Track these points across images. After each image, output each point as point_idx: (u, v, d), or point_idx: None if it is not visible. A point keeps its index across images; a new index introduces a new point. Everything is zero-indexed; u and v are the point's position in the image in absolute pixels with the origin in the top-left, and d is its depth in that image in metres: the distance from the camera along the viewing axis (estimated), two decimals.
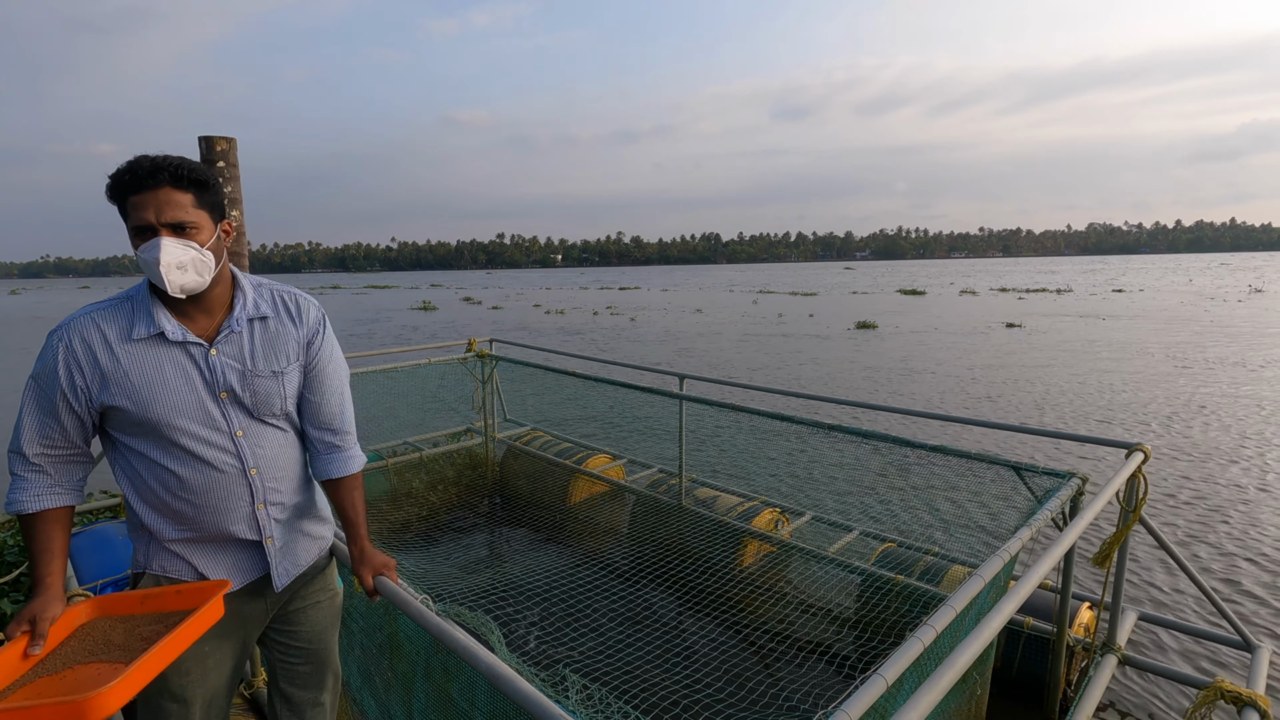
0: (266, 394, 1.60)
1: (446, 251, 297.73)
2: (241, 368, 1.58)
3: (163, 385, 1.49)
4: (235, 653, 1.76)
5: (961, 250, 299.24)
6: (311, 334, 1.69)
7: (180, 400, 1.51)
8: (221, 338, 1.56)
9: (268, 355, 1.61)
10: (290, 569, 1.74)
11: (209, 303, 1.55)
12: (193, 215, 1.45)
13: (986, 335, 19.03)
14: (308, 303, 1.71)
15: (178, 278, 1.43)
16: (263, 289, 1.66)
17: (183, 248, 1.43)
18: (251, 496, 1.62)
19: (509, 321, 27.58)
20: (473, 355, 5.76)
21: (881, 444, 3.32)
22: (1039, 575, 1.74)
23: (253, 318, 1.61)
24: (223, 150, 4.83)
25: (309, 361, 1.69)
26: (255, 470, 1.61)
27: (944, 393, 11.34)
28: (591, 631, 3.34)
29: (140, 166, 1.41)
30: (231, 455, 1.58)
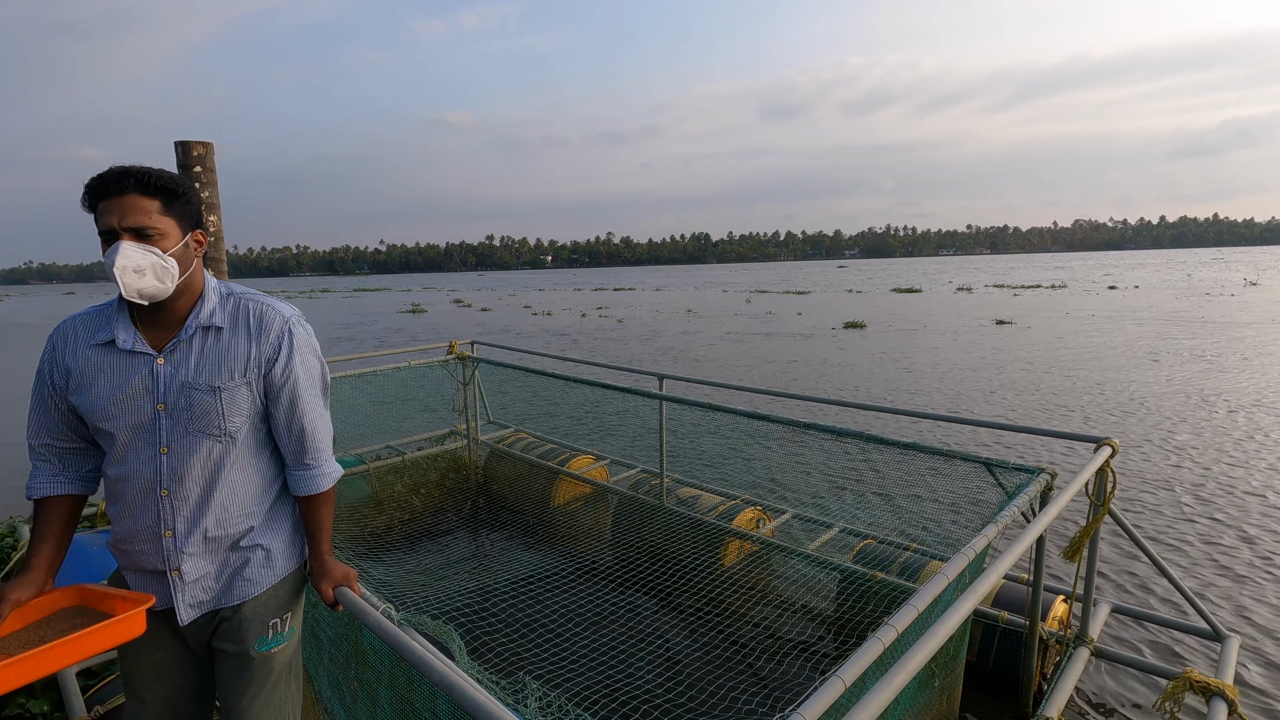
0: (203, 410, 1.52)
1: (436, 254, 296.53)
2: (183, 380, 1.52)
3: (109, 391, 1.50)
4: (193, 665, 1.71)
5: (950, 248, 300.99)
6: (272, 351, 1.58)
7: (119, 408, 1.50)
8: (170, 348, 1.53)
9: (210, 369, 1.54)
10: (208, 603, 1.62)
11: (173, 312, 1.53)
12: (157, 221, 1.45)
13: (974, 333, 19.14)
14: (275, 316, 1.60)
15: (134, 281, 1.41)
16: (230, 299, 1.60)
17: (143, 252, 1.42)
18: (158, 520, 1.53)
19: (498, 324, 27.49)
20: (454, 358, 5.73)
21: (856, 442, 3.33)
22: (1002, 569, 1.75)
23: (206, 327, 1.55)
24: (199, 155, 4.79)
25: (271, 379, 1.60)
26: (166, 493, 1.52)
27: (922, 392, 11.41)
28: (560, 636, 3.33)
29: (109, 174, 1.44)
30: (148, 472, 1.52)
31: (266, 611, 1.68)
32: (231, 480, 1.58)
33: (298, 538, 1.77)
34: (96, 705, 2.65)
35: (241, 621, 1.65)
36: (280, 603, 1.71)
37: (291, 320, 1.63)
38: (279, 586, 1.70)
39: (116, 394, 1.50)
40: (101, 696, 2.69)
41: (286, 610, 1.72)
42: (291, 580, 1.74)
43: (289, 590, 1.73)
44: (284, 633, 1.72)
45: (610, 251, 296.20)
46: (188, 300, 1.54)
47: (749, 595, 3.91)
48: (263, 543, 1.66)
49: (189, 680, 1.71)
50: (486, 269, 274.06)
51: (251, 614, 1.65)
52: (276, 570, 1.69)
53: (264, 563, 1.66)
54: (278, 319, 1.61)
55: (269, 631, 1.68)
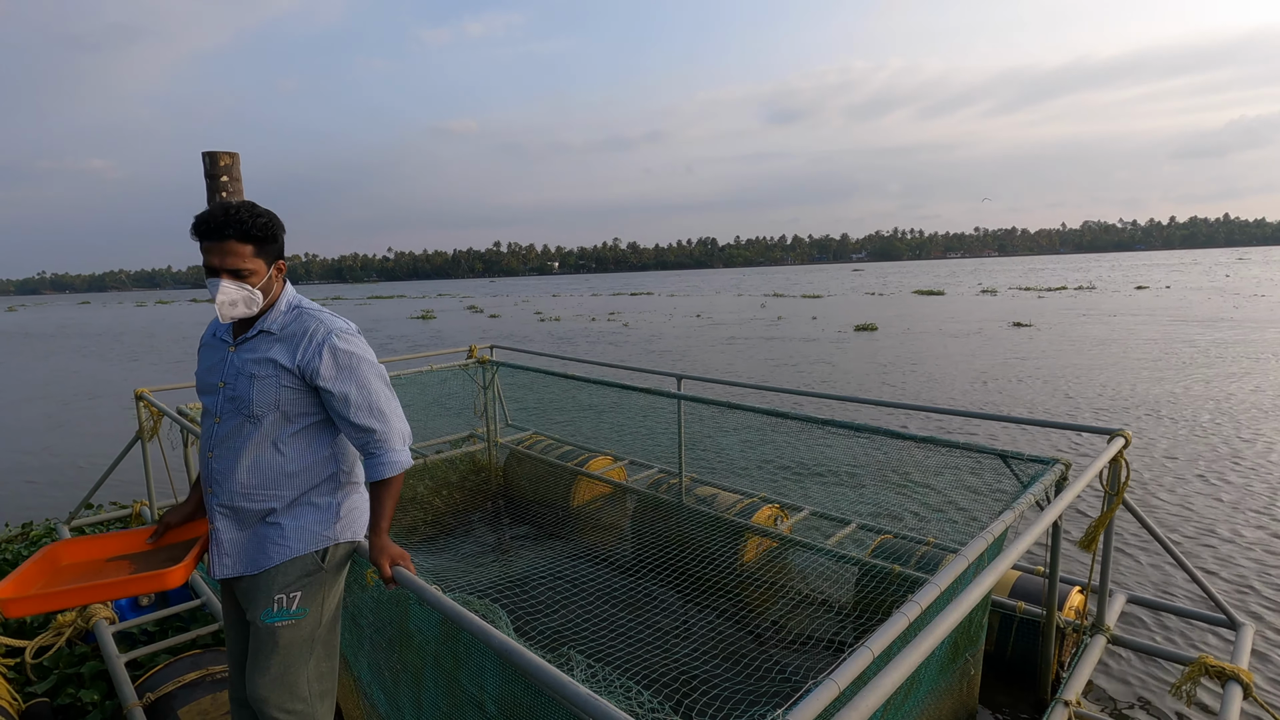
0: (242, 392, 1.84)
1: (444, 261, 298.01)
2: (238, 367, 1.85)
3: (202, 365, 1.96)
4: (236, 627, 2.00)
5: (957, 250, 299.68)
6: (310, 356, 1.83)
7: (204, 379, 1.93)
8: (241, 341, 1.90)
9: (254, 362, 1.85)
10: (231, 565, 1.88)
11: (255, 318, 1.90)
12: (250, 263, 1.78)
13: (990, 338, 19.11)
14: (319, 328, 1.86)
15: (227, 310, 1.79)
16: (293, 312, 1.91)
17: (237, 289, 1.77)
18: (207, 478, 1.89)
19: (506, 330, 27.64)
20: (474, 362, 5.85)
21: (874, 437, 3.41)
22: (1018, 551, 1.83)
23: (265, 330, 1.87)
24: (226, 165, 4.94)
25: (319, 383, 1.85)
26: (212, 454, 1.87)
27: (942, 394, 11.44)
28: (596, 618, 3.42)
29: (214, 218, 1.74)
30: (206, 435, 1.90)
31: (273, 585, 1.84)
32: (255, 457, 1.85)
33: (318, 527, 1.90)
34: (147, 693, 2.76)
35: (255, 591, 1.85)
36: (288, 581, 1.86)
37: (334, 332, 1.86)
38: (290, 565, 1.86)
39: (205, 369, 1.94)
40: (151, 684, 2.80)
41: (295, 589, 1.86)
42: (304, 563, 1.88)
43: (300, 571, 1.87)
44: (290, 610, 1.86)
45: (617, 257, 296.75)
46: (264, 309, 1.90)
47: (769, 591, 3.99)
48: (282, 523, 1.87)
49: (248, 639, 1.96)
50: (494, 275, 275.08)
51: (263, 585, 1.84)
52: (289, 549, 1.86)
53: (278, 540, 1.86)
54: (320, 330, 1.86)
55: (274, 605, 1.84)
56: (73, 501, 6.41)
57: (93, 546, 2.00)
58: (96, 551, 1.99)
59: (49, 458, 9.42)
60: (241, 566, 1.88)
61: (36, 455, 9.57)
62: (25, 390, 16.09)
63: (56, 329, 40.14)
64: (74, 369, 20.04)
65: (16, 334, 37.02)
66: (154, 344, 27.65)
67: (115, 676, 2.98)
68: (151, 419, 4.52)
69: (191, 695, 2.67)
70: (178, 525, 2.03)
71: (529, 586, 3.81)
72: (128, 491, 6.33)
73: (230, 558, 1.88)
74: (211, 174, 4.82)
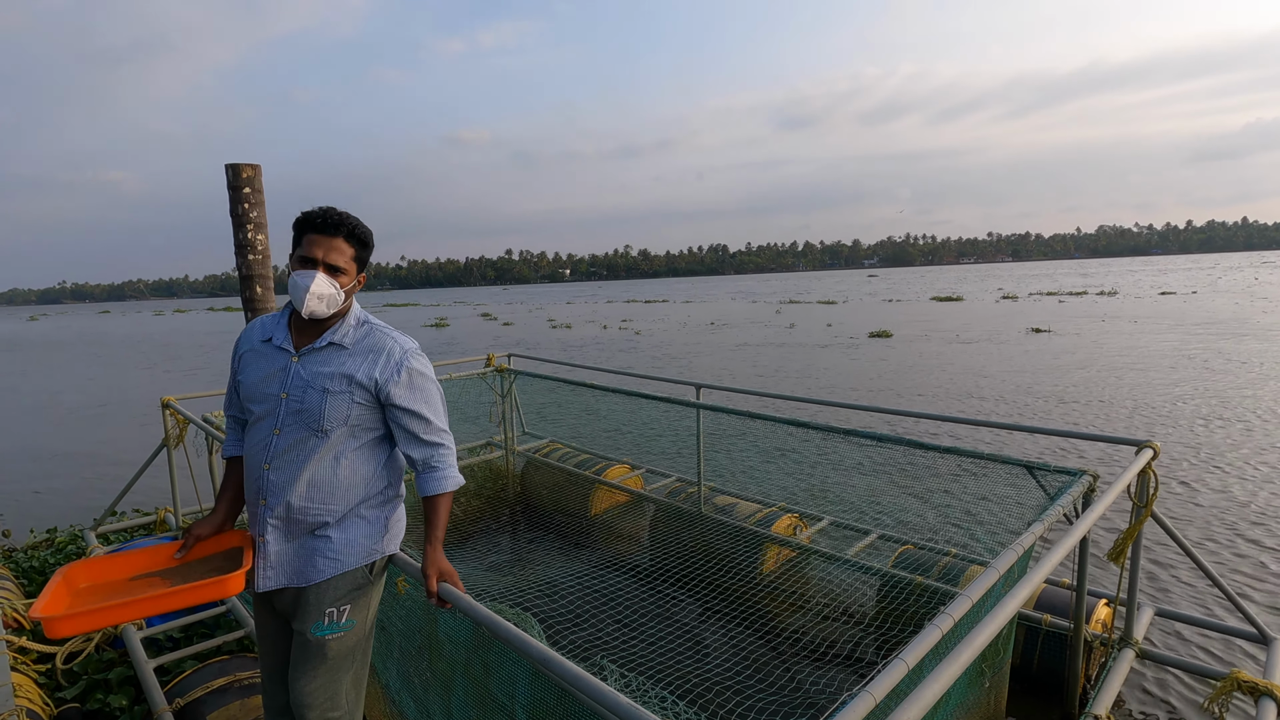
0: (311, 405, 1.81)
1: (456, 269, 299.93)
2: (305, 379, 1.81)
3: (257, 375, 1.87)
4: (273, 638, 1.97)
5: (970, 255, 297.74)
6: (388, 375, 1.84)
7: (258, 388, 1.86)
8: (305, 351, 1.86)
9: (326, 375, 1.82)
10: (275, 577, 1.86)
11: (320, 327, 1.88)
12: (347, 264, 1.83)
13: (1009, 344, 18.95)
14: (395, 346, 1.88)
15: (314, 304, 1.78)
16: (364, 326, 1.91)
17: (329, 284, 1.79)
18: (259, 489, 1.84)
19: (520, 337, 27.74)
20: (492, 370, 5.89)
21: (895, 447, 3.39)
22: (1050, 564, 1.83)
23: (335, 342, 1.86)
24: (249, 177, 5.03)
25: (390, 400, 1.85)
26: (268, 466, 1.83)
27: (969, 402, 11.35)
28: (623, 626, 3.43)
29: (330, 216, 1.81)
30: (261, 445, 1.84)
31: (324, 599, 1.87)
32: (316, 471, 1.82)
33: (368, 541, 1.92)
34: (176, 698, 2.79)
35: (304, 604, 1.87)
36: (339, 594, 1.88)
37: (409, 352, 1.89)
38: (340, 579, 1.88)
39: (260, 378, 1.86)
40: (180, 690, 2.83)
41: (345, 603, 1.89)
42: (354, 577, 1.90)
43: (350, 585, 1.90)
44: (340, 623, 1.89)
45: (628, 264, 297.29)
46: (334, 320, 1.88)
47: (789, 600, 3.97)
48: (333, 536, 1.86)
49: (285, 643, 1.97)
50: (505, 283, 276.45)
51: (313, 598, 1.86)
52: (340, 564, 1.87)
53: (329, 555, 1.86)
54: (396, 349, 1.88)
55: (325, 618, 1.87)
56: (95, 508, 6.50)
57: (116, 564, 1.90)
58: (120, 569, 1.89)
59: (70, 465, 9.55)
60: (287, 578, 1.87)
61: (58, 463, 9.71)
62: (48, 398, 16.34)
63: (77, 337, 40.74)
64: (94, 377, 20.33)
65: (39, 343, 37.61)
66: (173, 353, 27.99)
67: (144, 682, 3.02)
68: (177, 427, 4.58)
69: (220, 701, 2.70)
70: (207, 538, 1.97)
71: (550, 595, 3.82)
72: (150, 499, 6.40)
73: (276, 570, 1.86)
74: (234, 185, 4.91)
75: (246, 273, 4.91)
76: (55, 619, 1.59)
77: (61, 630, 1.61)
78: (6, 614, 3.51)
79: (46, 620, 1.58)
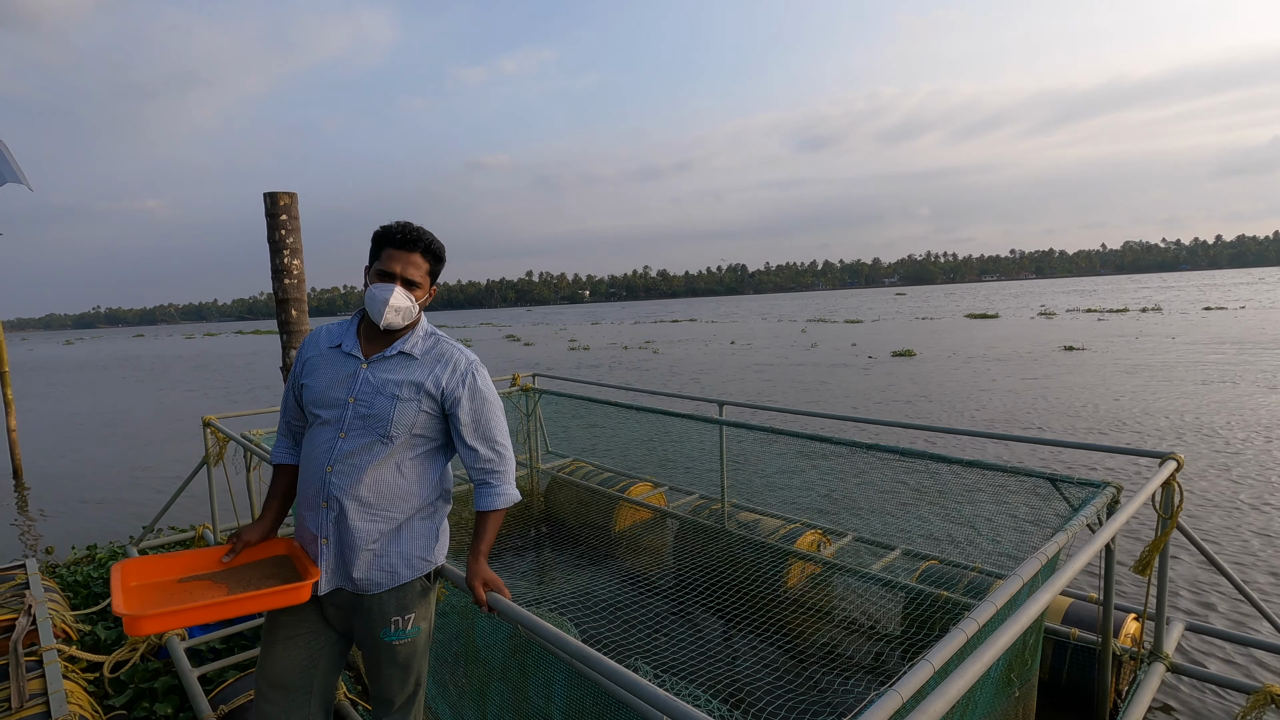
0: (380, 411, 1.86)
1: (476, 290, 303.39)
2: (374, 385, 1.89)
3: (325, 380, 1.93)
4: (324, 639, 1.96)
5: (993, 273, 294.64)
6: (454, 384, 1.92)
7: (326, 392, 1.91)
8: (375, 359, 1.92)
9: (395, 382, 1.89)
10: (337, 579, 1.89)
11: (390, 336, 1.94)
12: (422, 279, 1.92)
13: (1038, 363, 18.72)
14: (461, 358, 1.96)
15: (392, 317, 1.86)
16: (431, 338, 1.99)
17: (406, 298, 1.87)
18: (320, 490, 1.88)
19: (551, 360, 27.95)
20: (517, 389, 6.01)
21: (918, 461, 3.43)
22: (1074, 568, 1.86)
23: (404, 351, 1.93)
24: (285, 204, 5.24)
25: (455, 409, 1.92)
26: (331, 469, 1.86)
27: (997, 423, 11.25)
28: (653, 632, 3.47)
29: (409, 231, 1.90)
30: (325, 448, 1.88)
31: (389, 608, 1.94)
32: (379, 476, 1.88)
33: (424, 552, 1.99)
34: (221, 705, 2.89)
35: (367, 611, 1.94)
36: (401, 603, 1.96)
37: (474, 363, 1.99)
38: (400, 590, 1.95)
39: (329, 383, 1.92)
40: (224, 697, 2.93)
41: (409, 611, 1.97)
42: (413, 587, 1.98)
43: (410, 594, 1.98)
44: (407, 629, 1.97)
45: (647, 284, 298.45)
46: (404, 330, 1.96)
47: (814, 616, 3.99)
48: (393, 545, 1.92)
49: (317, 648, 1.96)
50: (525, 304, 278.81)
51: (375, 607, 1.94)
52: (398, 576, 1.94)
53: (386, 568, 1.92)
54: (463, 360, 1.97)
55: (392, 625, 1.95)
56: (134, 524, 6.69)
57: (165, 564, 1.91)
58: (169, 569, 1.90)
59: (109, 483, 9.82)
60: (342, 582, 1.90)
61: (97, 481, 9.98)
62: (86, 418, 16.79)
63: (112, 359, 41.78)
64: (131, 397, 20.85)
65: (73, 366, 38.65)
66: (204, 374, 28.60)
67: (189, 691, 3.13)
68: (218, 444, 4.74)
69: None
70: (255, 544, 1.99)
71: (575, 612, 3.87)
72: (186, 517, 6.58)
73: (335, 573, 1.89)
74: (272, 213, 5.12)
75: (283, 296, 5.10)
76: (139, 617, 1.59)
77: (144, 628, 1.61)
78: (56, 624, 3.65)
79: (130, 618, 1.58)
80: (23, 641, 3.27)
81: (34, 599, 3.77)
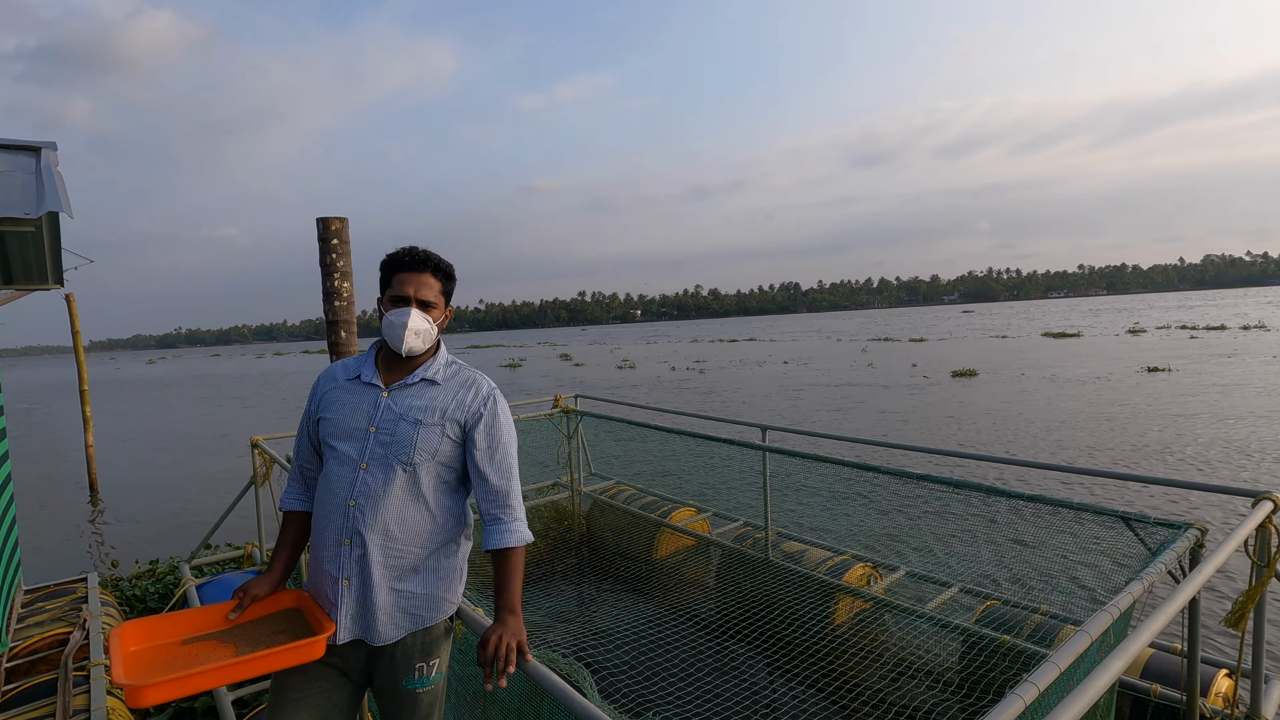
0: (402, 438, 1.79)
1: (530, 311, 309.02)
2: (396, 412, 1.82)
3: (344, 411, 1.86)
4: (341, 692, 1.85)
5: (1060, 289, 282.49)
6: (476, 409, 1.86)
7: (344, 423, 1.85)
8: (396, 386, 1.87)
9: (418, 408, 1.83)
10: (357, 628, 1.78)
11: (410, 363, 1.90)
12: (437, 298, 1.89)
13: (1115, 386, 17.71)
14: (483, 384, 1.91)
15: (411, 340, 1.81)
16: (452, 365, 1.94)
17: (423, 319, 1.83)
18: (342, 527, 1.78)
19: (605, 380, 28.04)
20: (559, 411, 5.96)
21: (975, 494, 3.19)
22: (1151, 631, 1.65)
23: (426, 378, 1.88)
24: (336, 229, 5.37)
25: (473, 435, 1.84)
26: (354, 503, 1.78)
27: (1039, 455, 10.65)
28: (680, 679, 3.31)
29: (415, 254, 1.86)
30: (346, 481, 1.80)
31: (413, 655, 1.84)
32: (403, 509, 1.79)
33: (447, 593, 1.90)
34: None
35: (389, 658, 1.83)
36: (424, 649, 1.86)
37: (496, 390, 1.92)
38: (423, 634, 1.86)
39: (348, 413, 1.86)
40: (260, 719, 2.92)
41: (432, 657, 1.88)
42: (436, 630, 1.89)
43: (433, 639, 1.88)
44: (431, 676, 1.88)
45: (699, 304, 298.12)
46: (424, 357, 1.91)
47: (863, 656, 3.75)
48: (414, 588, 1.82)
49: (329, 706, 1.84)
50: (578, 324, 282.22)
51: (399, 653, 1.83)
52: (421, 619, 1.85)
53: (410, 610, 1.83)
54: (485, 385, 1.92)
55: (415, 673, 1.85)
56: (193, 539, 6.91)
57: (166, 625, 1.79)
58: (171, 630, 1.78)
59: (174, 497, 10.23)
60: (363, 631, 1.80)
61: (164, 494, 10.42)
62: (160, 433, 17.68)
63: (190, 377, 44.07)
64: (201, 414, 21.87)
65: (155, 383, 40.96)
66: (268, 391, 29.82)
67: (222, 713, 3.14)
68: (264, 465, 4.84)
69: None
70: (264, 598, 1.87)
71: (613, 643, 3.75)
72: (237, 534, 6.75)
73: (355, 621, 1.79)
74: (324, 237, 5.25)
75: (333, 318, 5.21)
76: (141, 686, 1.47)
77: (147, 699, 1.48)
78: (106, 641, 3.75)
79: (131, 688, 1.46)
80: (74, 657, 3.35)
81: (89, 614, 3.88)
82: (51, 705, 3.01)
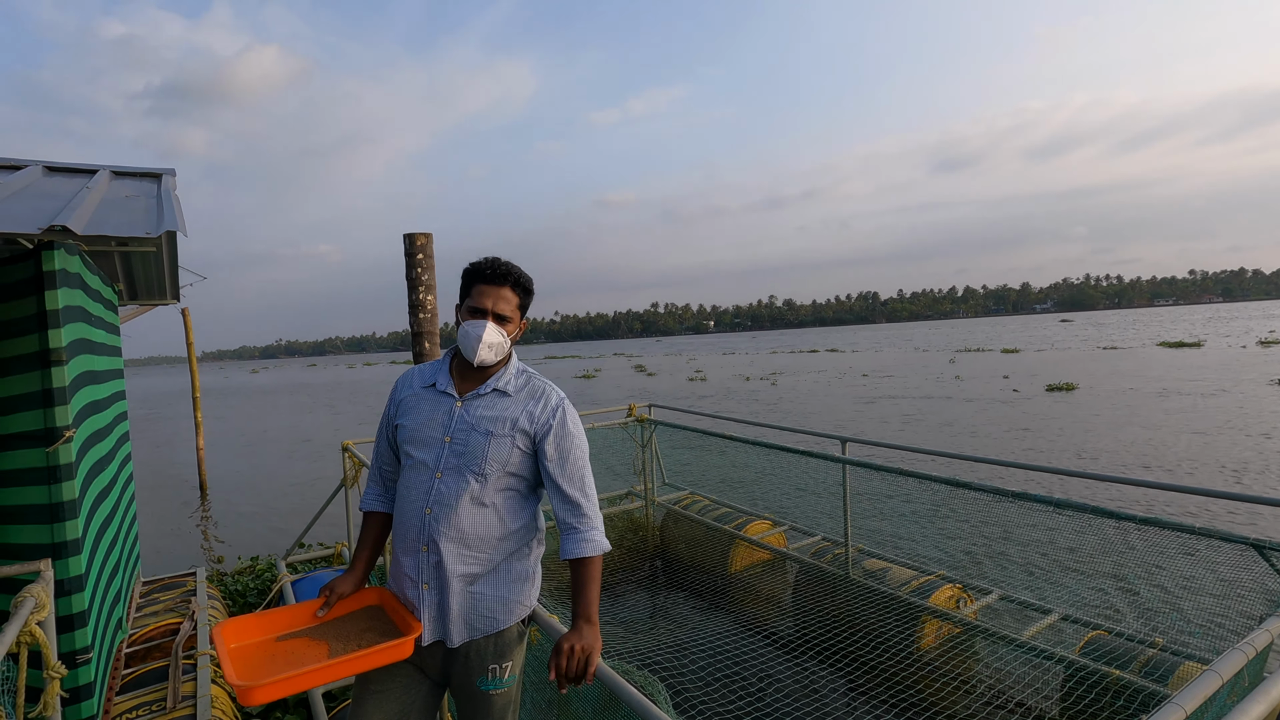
0: (474, 448, 1.82)
1: (604, 322, 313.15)
2: (469, 422, 1.85)
3: (420, 419, 1.91)
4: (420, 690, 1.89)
5: (1167, 297, 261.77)
6: (546, 419, 1.87)
7: (420, 431, 1.89)
8: (469, 396, 1.90)
9: (490, 419, 1.86)
10: (439, 629, 1.82)
11: (484, 374, 1.93)
12: (512, 313, 1.90)
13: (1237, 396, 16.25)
14: (553, 394, 1.93)
15: (485, 353, 1.85)
16: (524, 375, 1.96)
17: (498, 333, 1.86)
18: (419, 534, 1.83)
19: (677, 390, 28.05)
20: (633, 420, 5.97)
21: (1078, 514, 2.96)
22: None
23: (497, 389, 1.91)
24: (422, 244, 5.59)
25: (545, 446, 1.86)
26: (429, 511, 1.81)
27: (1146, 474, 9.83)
28: (756, 697, 3.22)
29: (497, 266, 1.89)
30: (422, 489, 1.84)
31: (487, 657, 1.86)
32: (475, 515, 1.83)
33: (521, 596, 1.92)
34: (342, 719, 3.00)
35: (464, 659, 1.86)
36: (497, 652, 1.88)
37: (565, 401, 1.94)
38: (496, 637, 1.88)
39: (424, 422, 1.89)
40: (345, 715, 3.04)
41: (505, 660, 1.89)
42: (510, 633, 1.91)
43: (506, 642, 1.90)
44: (503, 678, 1.89)
45: (773, 314, 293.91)
46: (497, 367, 1.94)
47: (952, 684, 3.54)
48: (489, 591, 1.86)
49: (408, 701, 1.89)
50: (651, 335, 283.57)
51: (474, 654, 1.86)
52: (496, 622, 1.87)
53: (485, 612, 1.86)
54: (555, 396, 1.93)
55: (489, 674, 1.87)
56: (292, 537, 7.32)
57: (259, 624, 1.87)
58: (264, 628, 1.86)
59: (276, 495, 10.89)
60: (442, 632, 1.84)
61: (267, 493, 11.11)
62: (266, 436, 18.90)
63: (290, 385, 47.07)
64: (299, 420, 23.26)
65: (258, 391, 43.90)
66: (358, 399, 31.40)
67: (314, 707, 3.29)
68: (354, 468, 5.07)
69: None
70: (349, 595, 1.94)
71: (687, 657, 3.70)
72: (329, 534, 7.10)
73: (436, 622, 1.84)
74: (410, 252, 5.49)
75: (417, 330, 5.42)
76: (252, 687, 1.55)
77: (257, 698, 1.55)
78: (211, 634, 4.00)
79: (242, 689, 1.54)
80: (183, 646, 3.59)
81: (198, 605, 4.16)
82: (163, 690, 3.23)
